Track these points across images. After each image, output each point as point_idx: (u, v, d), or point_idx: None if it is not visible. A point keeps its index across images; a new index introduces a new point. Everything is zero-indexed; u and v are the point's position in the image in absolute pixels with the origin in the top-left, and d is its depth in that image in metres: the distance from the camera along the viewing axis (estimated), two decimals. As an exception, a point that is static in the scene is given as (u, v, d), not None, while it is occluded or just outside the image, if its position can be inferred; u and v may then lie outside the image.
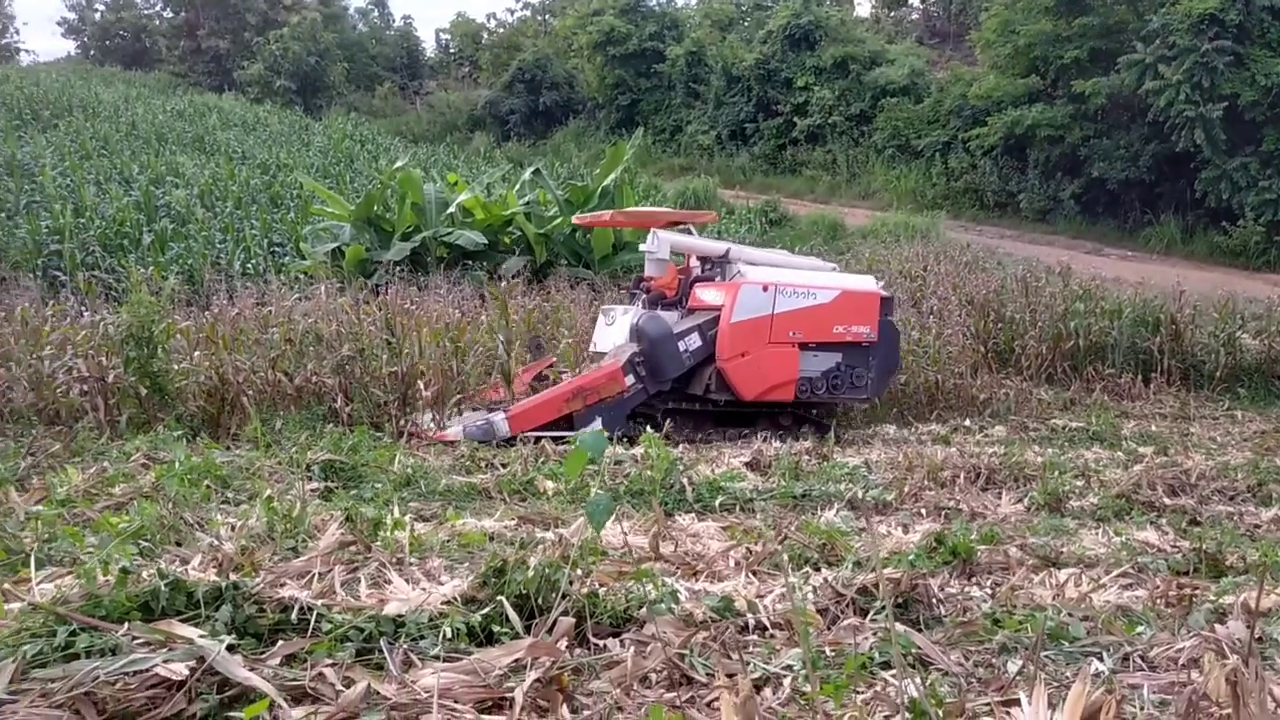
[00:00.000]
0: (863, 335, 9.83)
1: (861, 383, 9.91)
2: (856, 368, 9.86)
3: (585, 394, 9.13)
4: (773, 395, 9.65)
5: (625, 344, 9.62)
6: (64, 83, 39.76)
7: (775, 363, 9.53)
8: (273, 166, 29.67)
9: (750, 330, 9.44)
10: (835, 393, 9.83)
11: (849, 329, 9.79)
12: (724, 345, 9.40)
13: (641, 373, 9.38)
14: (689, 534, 5.03)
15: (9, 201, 21.59)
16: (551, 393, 9.22)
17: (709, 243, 10.74)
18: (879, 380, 10.20)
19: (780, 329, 9.54)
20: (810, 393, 9.71)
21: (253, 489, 5.52)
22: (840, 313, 9.78)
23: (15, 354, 8.71)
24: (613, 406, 9.24)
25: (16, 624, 2.79)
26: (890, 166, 35.08)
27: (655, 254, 10.01)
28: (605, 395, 9.20)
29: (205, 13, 54.32)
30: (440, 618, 3.09)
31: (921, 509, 6.00)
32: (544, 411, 8.97)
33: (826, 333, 9.72)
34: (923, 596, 3.59)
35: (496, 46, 55.30)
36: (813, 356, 9.71)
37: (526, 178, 22.98)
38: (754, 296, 9.50)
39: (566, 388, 9.24)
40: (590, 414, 9.11)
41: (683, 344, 9.43)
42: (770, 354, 9.50)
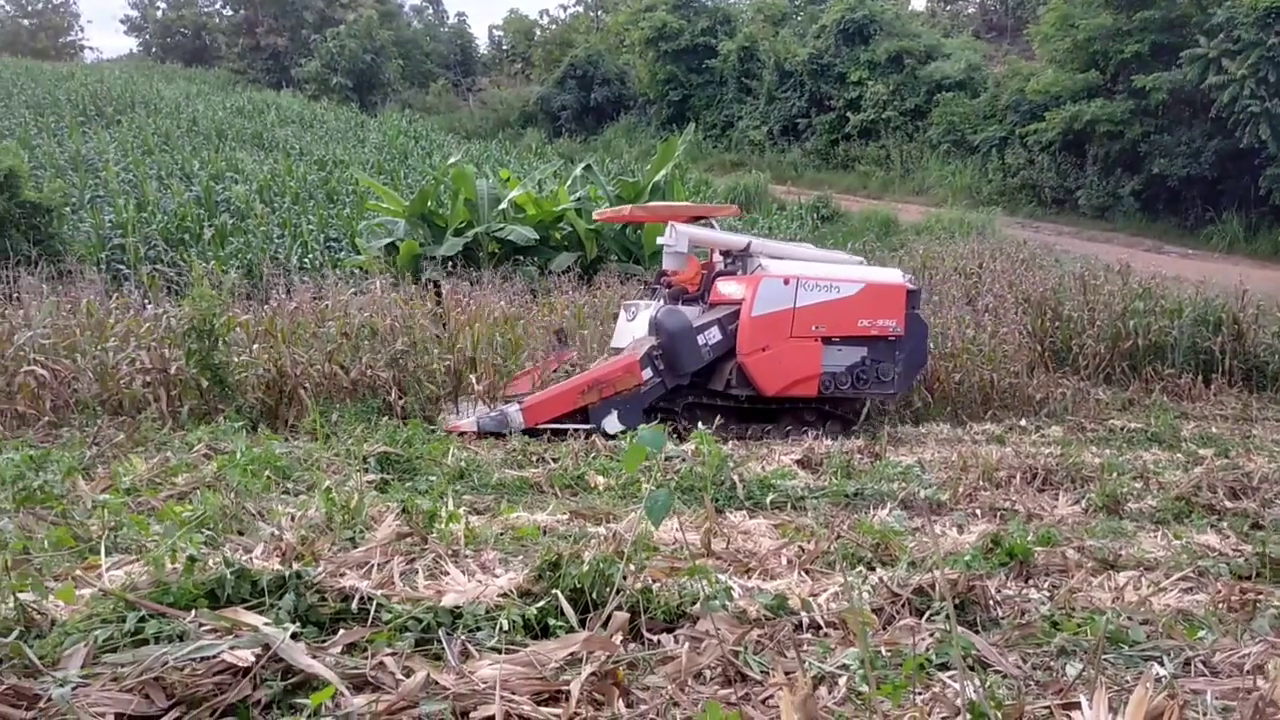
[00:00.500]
0: (888, 329, 9.65)
1: (888, 378, 9.71)
2: (882, 362, 9.67)
3: (601, 386, 9.04)
4: (795, 391, 9.51)
5: (644, 337, 9.52)
6: (127, 80, 40.58)
7: (797, 357, 9.38)
8: (329, 162, 30.06)
9: (771, 324, 9.30)
10: (860, 388, 9.66)
11: (874, 322, 9.61)
12: (744, 339, 9.27)
13: (660, 366, 9.27)
14: (740, 531, 5.03)
15: (74, 196, 22.08)
16: (567, 385, 9.17)
17: (729, 236, 10.59)
18: (906, 375, 9.99)
19: (802, 323, 9.39)
20: (834, 388, 9.54)
21: (311, 480, 5.61)
22: (865, 306, 9.60)
23: (81, 346, 8.91)
24: (629, 400, 9.14)
25: (88, 609, 2.87)
26: (945, 162, 34.71)
27: (674, 247, 9.89)
28: (621, 388, 9.09)
29: (264, 10, 55.12)
30: (496, 610, 3.12)
31: (976, 509, 5.94)
32: (559, 403, 8.91)
33: (851, 326, 9.55)
34: (979, 598, 3.56)
35: (549, 43, 55.53)
36: (836, 351, 9.53)
37: (578, 173, 23.06)
38: (775, 290, 9.36)
39: (582, 380, 9.18)
40: (606, 407, 9.04)
41: (702, 338, 9.32)
42: (792, 348, 9.36)
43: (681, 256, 9.98)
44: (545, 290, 15.33)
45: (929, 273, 16.83)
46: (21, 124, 29.80)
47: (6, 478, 4.95)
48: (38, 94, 34.67)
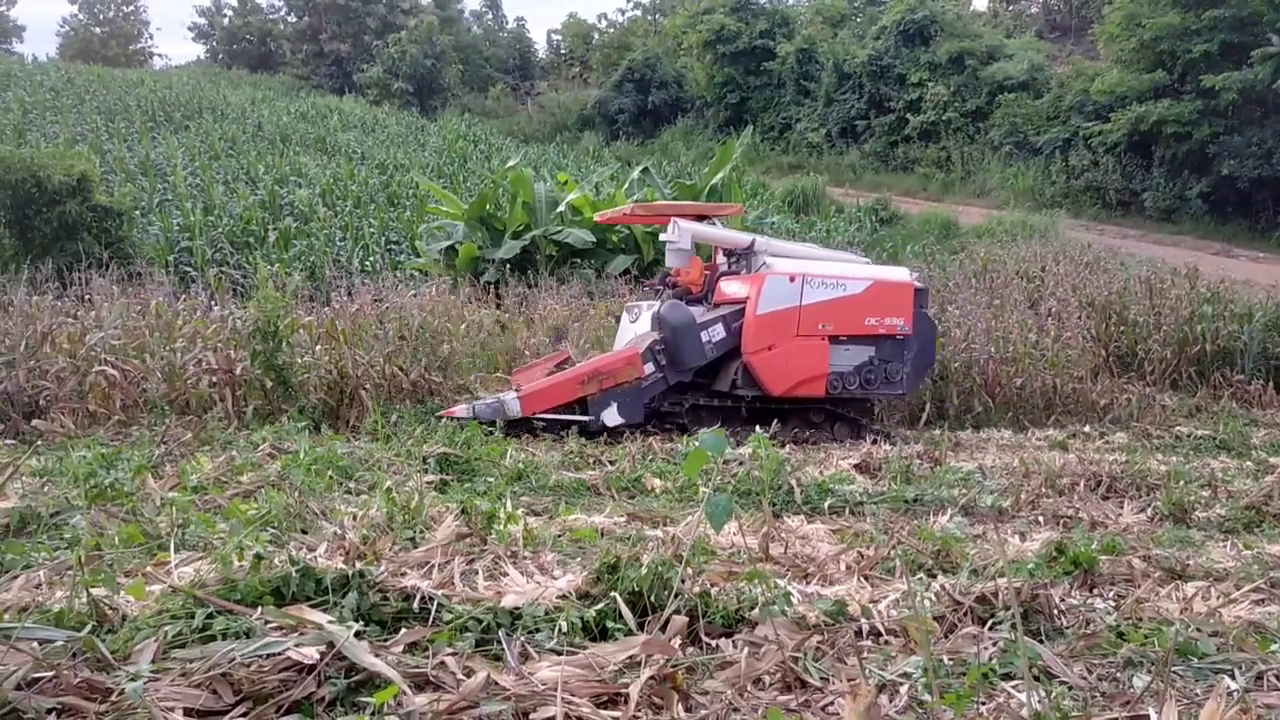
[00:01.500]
0: (896, 328, 9.50)
1: (896, 378, 9.55)
2: (891, 362, 9.52)
3: (601, 378, 8.95)
4: (802, 390, 9.36)
5: (647, 332, 9.40)
6: (194, 85, 41.46)
7: (804, 356, 9.24)
8: (390, 166, 30.45)
9: (777, 322, 9.17)
10: (869, 388, 9.50)
11: (882, 321, 9.46)
12: (750, 338, 9.15)
13: (662, 361, 9.15)
14: (798, 536, 5.00)
15: (143, 200, 22.61)
16: (566, 375, 9.08)
17: (733, 234, 10.43)
18: (915, 375, 9.84)
19: (809, 321, 9.25)
20: (842, 388, 9.39)
21: (372, 480, 5.68)
22: (872, 304, 9.45)
23: (150, 346, 9.12)
24: (630, 393, 9.03)
25: (157, 605, 2.93)
26: (1007, 164, 34.22)
27: (676, 244, 9.72)
28: (622, 380, 8.99)
29: (327, 17, 56.03)
30: (555, 611, 3.14)
31: (1039, 517, 5.84)
32: (557, 393, 8.84)
33: (858, 325, 9.40)
34: (1043, 607, 3.50)
35: (607, 46, 55.72)
36: (844, 350, 9.39)
37: (635, 176, 23.12)
38: (780, 287, 9.21)
39: (582, 370, 9.08)
40: (605, 399, 8.93)
41: (706, 335, 9.20)
42: (799, 347, 9.22)
43: (685, 254, 9.82)
44: (602, 293, 15.37)
45: (990, 276, 16.60)
46: (93, 130, 30.58)
47: (79, 475, 5.08)
48: (109, 100, 35.56)
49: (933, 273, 17.85)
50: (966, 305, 12.86)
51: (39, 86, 36.49)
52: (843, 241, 25.74)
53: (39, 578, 3.43)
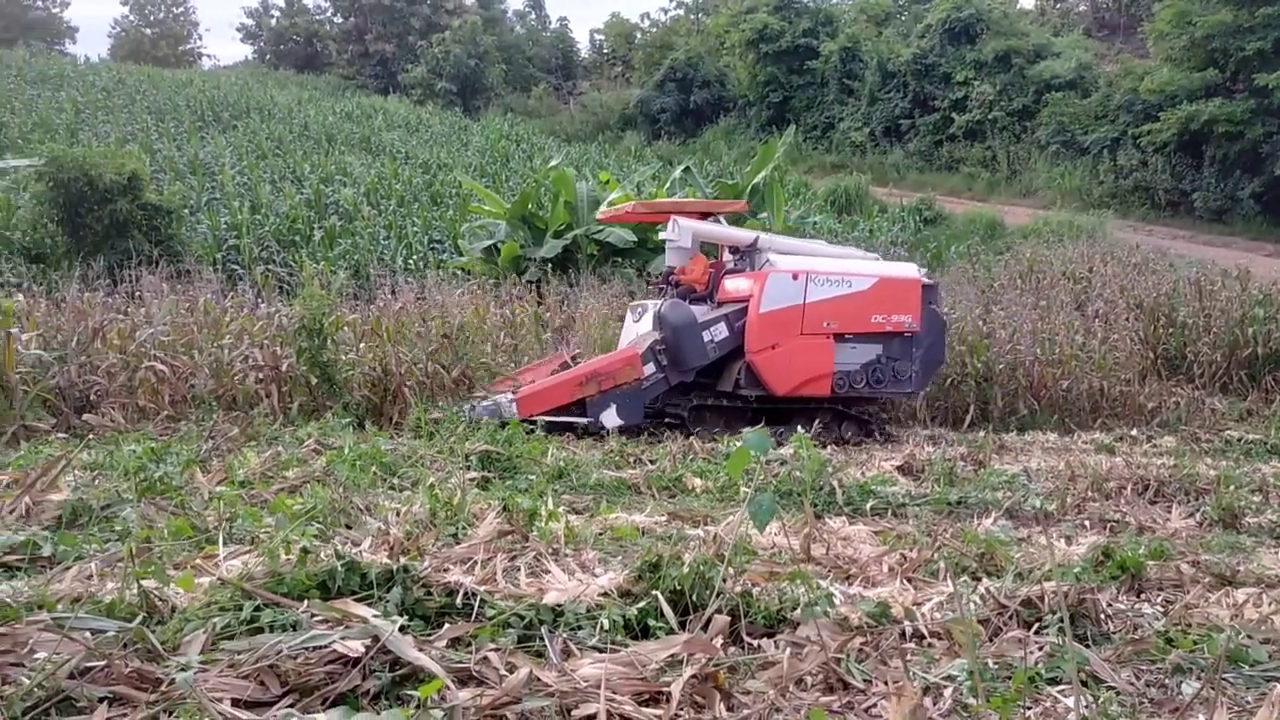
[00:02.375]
0: (904, 325, 9.34)
1: (905, 376, 9.39)
2: (899, 360, 9.36)
3: (600, 379, 8.86)
4: (807, 390, 9.22)
5: (648, 332, 9.29)
6: (242, 86, 41.99)
7: (808, 355, 9.10)
8: (433, 166, 30.67)
9: (780, 321, 9.04)
10: (877, 387, 9.34)
11: (889, 318, 9.30)
12: (753, 337, 9.02)
13: (663, 361, 9.03)
14: (840, 537, 4.97)
15: (192, 199, 22.93)
16: (564, 376, 9.00)
17: (736, 231, 10.26)
18: (924, 373, 9.66)
19: (813, 319, 9.10)
20: (849, 387, 9.24)
21: (415, 476, 5.73)
22: (878, 301, 9.28)
23: (198, 343, 9.25)
24: (629, 394, 8.93)
25: (206, 597, 2.98)
26: (1054, 163, 33.81)
27: (676, 242, 9.61)
28: (621, 381, 8.89)
29: (373, 18, 56.53)
30: (597, 609, 3.14)
31: (1085, 520, 5.77)
32: (555, 395, 8.76)
33: (864, 323, 9.25)
34: (1090, 612, 3.45)
35: (649, 46, 55.73)
36: (850, 348, 9.24)
37: (676, 176, 23.09)
38: (783, 285, 9.08)
39: (580, 372, 9.00)
40: (604, 400, 8.84)
41: (708, 334, 9.07)
42: (803, 345, 9.08)
43: (685, 252, 9.69)
44: (644, 292, 15.38)
45: (1036, 277, 16.42)
46: (144, 129, 31.08)
47: (129, 469, 5.17)
48: (159, 100, 36.11)
49: (978, 273, 17.68)
50: (1012, 306, 12.73)
51: (91, 87, 37.14)
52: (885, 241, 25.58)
53: (91, 569, 3.50)
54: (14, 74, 37.79)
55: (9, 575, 3.59)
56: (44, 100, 33.57)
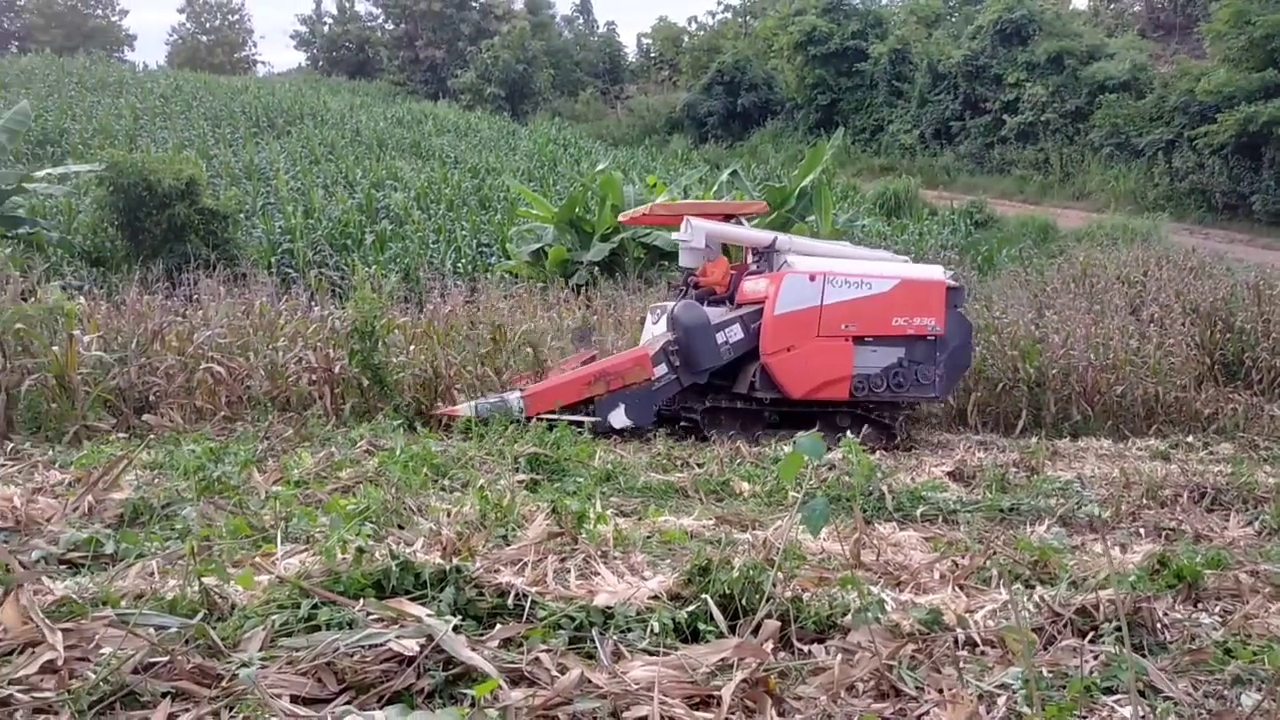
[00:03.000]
0: (926, 328, 9.12)
1: (928, 380, 9.15)
2: (922, 364, 9.13)
3: (609, 378, 8.76)
4: (824, 393, 9.03)
5: (662, 333, 9.19)
6: (296, 92, 42.62)
7: (825, 358, 8.92)
8: (482, 170, 30.90)
9: (796, 322, 8.87)
10: (898, 391, 9.11)
11: (910, 321, 9.08)
12: (768, 339, 8.87)
13: (675, 363, 8.92)
14: (890, 543, 4.94)
15: (247, 203, 23.31)
16: (573, 375, 8.93)
17: (752, 232, 10.08)
18: (948, 378, 9.43)
19: (830, 321, 8.92)
20: (868, 391, 9.03)
21: (465, 478, 5.78)
22: (900, 304, 9.06)
23: (253, 345, 9.40)
24: (640, 395, 8.82)
25: (265, 595, 3.04)
26: (1108, 166, 33.33)
27: (690, 243, 9.46)
28: (631, 381, 8.79)
29: (423, 24, 57.14)
30: (647, 612, 3.15)
31: (1140, 528, 5.68)
32: (563, 393, 8.68)
33: (884, 325, 9.04)
34: (1146, 620, 3.40)
35: (696, 49, 55.74)
36: (870, 352, 9.05)
37: (724, 179, 23.07)
38: (800, 286, 8.91)
39: (589, 371, 8.91)
40: (614, 400, 8.76)
41: (722, 335, 8.94)
42: (820, 348, 8.90)
43: (698, 252, 9.55)
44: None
45: (1090, 281, 16.19)
46: (200, 135, 31.64)
47: (189, 468, 5.28)
48: (215, 106, 36.75)
49: (1030, 277, 17.48)
50: (1065, 311, 12.57)
51: (149, 94, 37.89)
52: (936, 245, 25.34)
53: (153, 566, 3.58)
54: (75, 81, 38.67)
55: (74, 572, 3.68)
56: (104, 107, 34.32)
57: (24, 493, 4.87)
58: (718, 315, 9.18)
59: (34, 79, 37.76)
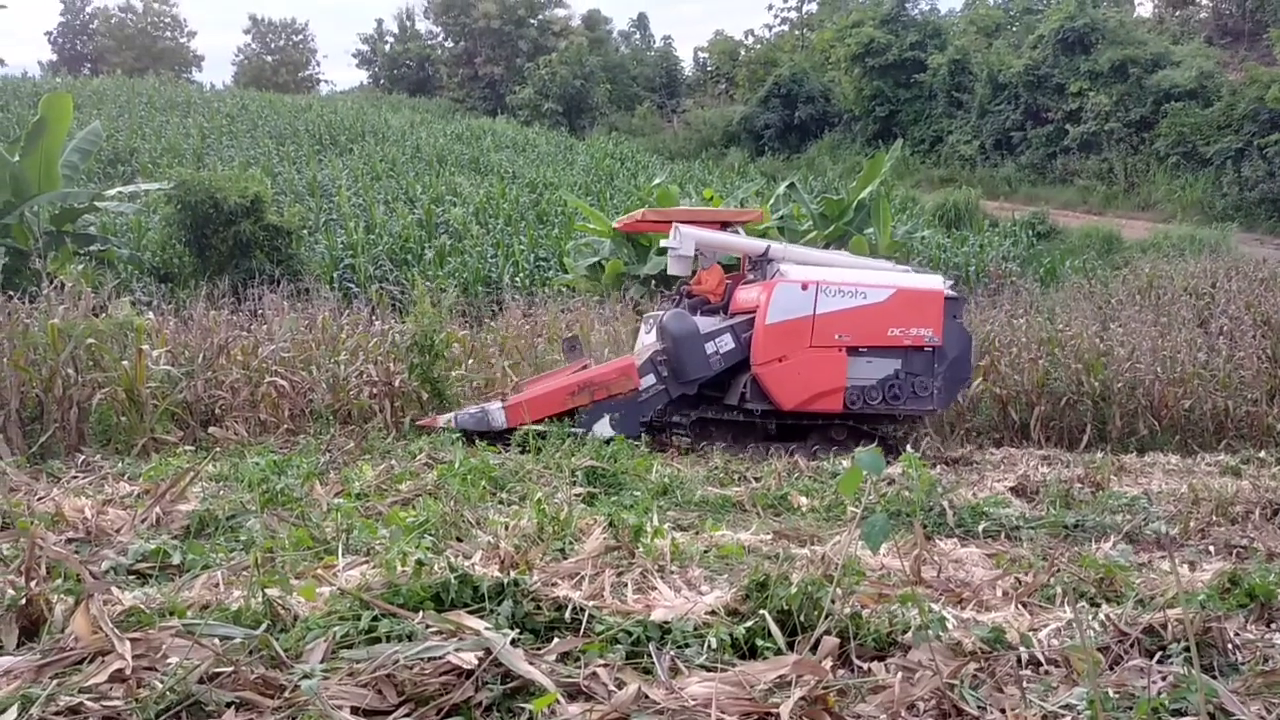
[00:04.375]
0: (923, 339, 8.89)
1: (926, 392, 8.91)
2: (919, 375, 8.90)
3: (593, 389, 8.62)
4: (817, 405, 8.82)
5: (653, 343, 9.04)
6: (358, 110, 43.32)
7: (818, 368, 8.71)
8: (540, 185, 31.15)
9: (788, 332, 8.67)
10: (895, 403, 8.88)
11: (907, 332, 8.86)
12: (759, 349, 8.69)
13: (664, 373, 8.77)
14: (951, 559, 4.87)
15: (310, 220, 23.72)
16: (554, 385, 8.80)
17: (744, 240, 9.86)
18: (947, 390, 9.16)
19: (823, 331, 8.72)
20: (863, 402, 8.80)
21: (523, 491, 5.81)
22: (896, 314, 8.84)
23: (316, 359, 9.55)
24: (626, 405, 8.67)
25: (326, 607, 3.08)
26: (1174, 175, 32.68)
27: (678, 250, 9.23)
28: (615, 392, 8.65)
29: (482, 41, 57.83)
30: (705, 627, 3.14)
31: (1210, 546, 5.54)
32: (545, 404, 8.54)
33: (880, 336, 8.83)
34: (1216, 640, 3.31)
35: (753, 63, 55.71)
36: (865, 363, 8.83)
37: (781, 192, 23.01)
38: (791, 296, 8.71)
39: (572, 381, 8.78)
40: (598, 411, 8.60)
41: (712, 345, 8.77)
42: (812, 358, 8.69)
43: (687, 260, 9.36)
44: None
45: (1156, 293, 15.87)
46: (265, 153, 32.30)
47: (253, 481, 5.38)
48: (279, 125, 37.50)
49: (1094, 289, 17.17)
50: (1131, 323, 12.33)
51: (216, 113, 38.78)
52: (997, 256, 25.02)
53: (218, 577, 3.64)
54: (145, 102, 39.71)
55: (142, 582, 3.77)
56: (172, 126, 35.19)
57: (95, 504, 4.99)
58: (708, 325, 9.01)
59: (106, 100, 38.82)
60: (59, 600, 3.13)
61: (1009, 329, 12.05)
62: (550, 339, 11.24)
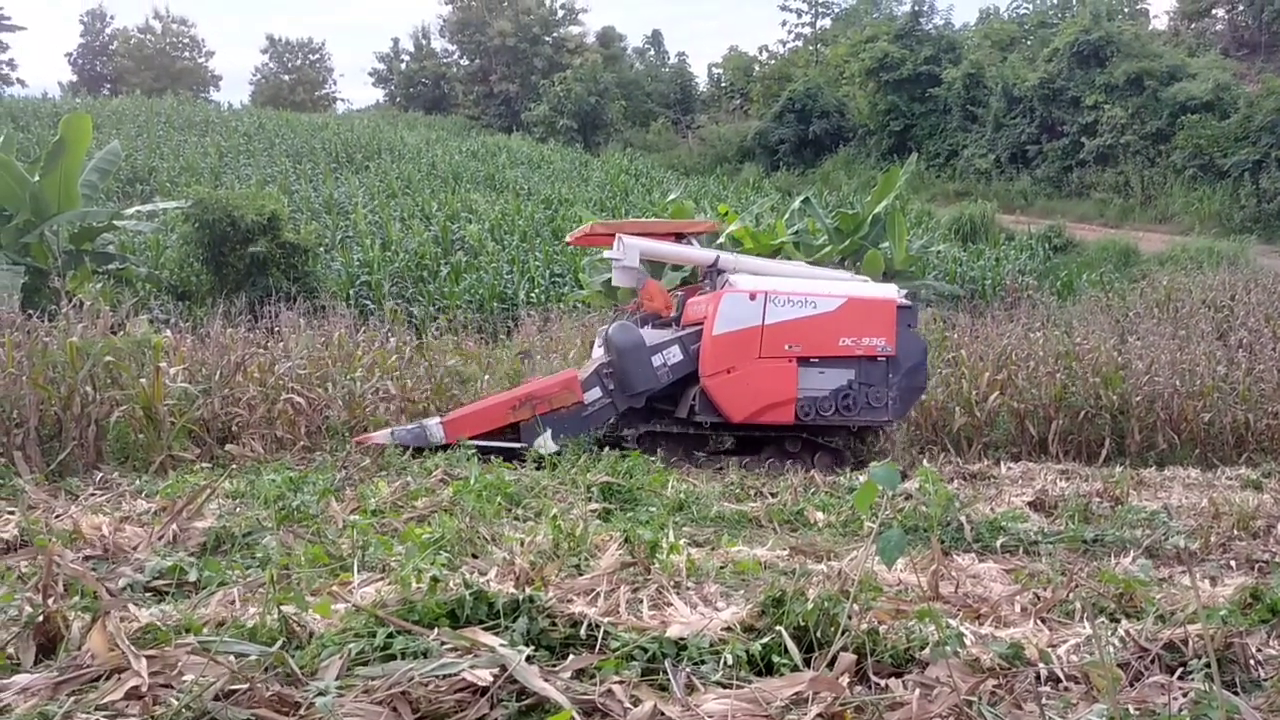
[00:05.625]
0: (876, 348, 8.76)
1: (880, 403, 8.76)
2: (873, 386, 8.74)
3: (535, 403, 8.47)
4: (767, 417, 8.67)
5: (598, 356, 8.92)
6: (374, 128, 43.59)
7: (768, 379, 8.56)
8: (555, 201, 31.25)
9: (736, 343, 8.54)
10: (849, 414, 8.71)
11: (859, 341, 8.73)
12: (707, 360, 8.55)
13: (609, 386, 8.65)
14: (969, 575, 4.83)
15: (327, 237, 23.85)
16: (495, 399, 8.71)
17: (690, 250, 9.73)
18: (902, 400, 9.01)
19: (773, 341, 8.58)
20: (816, 414, 8.64)
21: (538, 507, 5.80)
22: (847, 323, 8.71)
23: (332, 376, 9.58)
24: (570, 419, 8.53)
25: (342, 624, 3.07)
26: (1191, 188, 32.53)
27: (622, 261, 9.13)
28: (558, 405, 8.50)
29: (497, 59, 58.17)
30: (720, 643, 3.12)
31: (1231, 560, 5.48)
32: (485, 419, 8.42)
33: (831, 346, 8.70)
34: (1238, 657, 3.27)
35: (767, 78, 55.83)
36: (818, 373, 8.68)
37: (795, 207, 23.01)
38: (739, 306, 8.58)
39: (513, 394, 8.67)
40: (540, 424, 8.45)
41: (659, 357, 8.63)
42: (761, 370, 8.55)
43: (632, 272, 9.25)
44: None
45: (1174, 305, 15.78)
46: (282, 171, 32.52)
47: (269, 497, 5.39)
48: (296, 143, 37.77)
49: (1111, 302, 17.10)
50: (1149, 336, 12.26)
51: (233, 132, 39.09)
52: (1014, 269, 24.94)
53: (234, 594, 3.65)
54: (163, 121, 40.07)
55: (158, 599, 3.77)
56: (190, 145, 35.48)
57: (112, 521, 5.01)
58: (656, 337, 8.91)
59: (125, 120, 39.18)
60: (76, 617, 3.13)
61: (1026, 343, 12.00)
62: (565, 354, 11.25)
